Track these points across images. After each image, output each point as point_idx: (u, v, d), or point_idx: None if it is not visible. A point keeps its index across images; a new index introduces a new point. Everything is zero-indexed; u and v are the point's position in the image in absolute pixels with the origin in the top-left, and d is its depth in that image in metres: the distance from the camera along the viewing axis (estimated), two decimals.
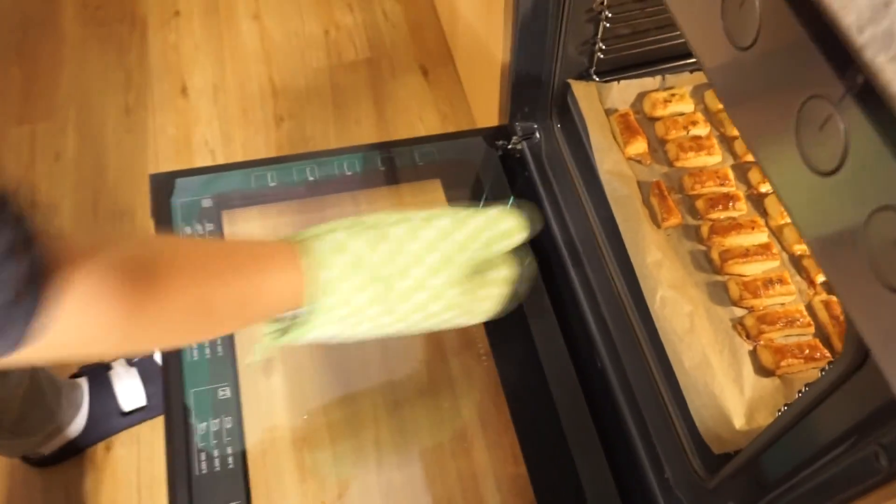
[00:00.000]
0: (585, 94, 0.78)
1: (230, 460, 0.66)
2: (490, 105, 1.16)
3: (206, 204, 0.80)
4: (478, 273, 0.58)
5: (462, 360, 0.73)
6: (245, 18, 1.54)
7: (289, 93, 1.42)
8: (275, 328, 0.54)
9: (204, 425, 0.67)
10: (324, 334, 0.53)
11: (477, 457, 0.68)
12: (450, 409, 0.70)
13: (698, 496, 0.60)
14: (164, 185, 0.81)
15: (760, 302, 0.65)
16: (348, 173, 0.84)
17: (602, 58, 0.77)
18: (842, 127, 0.28)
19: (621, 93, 0.79)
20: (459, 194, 0.83)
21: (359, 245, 0.52)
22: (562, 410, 0.69)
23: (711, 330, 0.64)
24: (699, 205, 0.71)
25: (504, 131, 0.87)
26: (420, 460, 0.67)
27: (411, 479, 0.66)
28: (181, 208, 0.79)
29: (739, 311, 0.66)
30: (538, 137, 0.85)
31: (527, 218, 0.60)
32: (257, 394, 0.70)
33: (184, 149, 1.38)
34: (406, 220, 0.55)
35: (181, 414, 0.68)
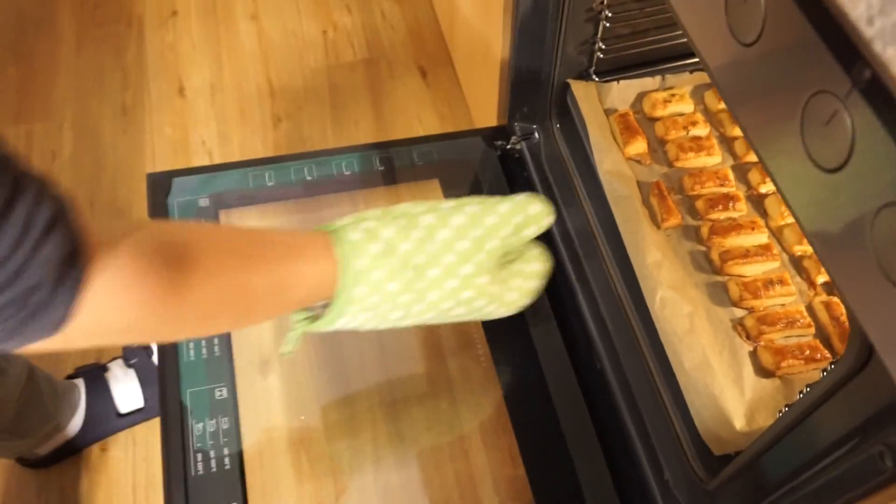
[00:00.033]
0: (585, 94, 0.77)
1: (227, 461, 0.65)
2: (489, 106, 1.16)
3: (203, 203, 0.79)
4: (510, 263, 0.58)
5: (460, 362, 0.73)
6: (243, 18, 1.54)
7: (286, 93, 1.42)
8: (304, 316, 0.55)
9: (200, 426, 0.67)
10: (354, 322, 0.54)
11: (475, 458, 0.67)
12: (448, 410, 0.70)
13: (697, 498, 0.60)
14: (160, 185, 0.80)
15: (761, 303, 0.65)
16: (346, 173, 0.83)
17: (602, 57, 0.77)
18: (848, 122, 0.28)
19: (621, 93, 0.78)
20: (458, 195, 0.82)
21: (389, 233, 0.52)
22: (561, 411, 0.69)
23: (711, 331, 0.64)
24: (699, 205, 0.71)
25: (503, 131, 0.87)
26: (418, 462, 0.67)
27: (409, 481, 0.66)
28: (178, 208, 0.79)
29: (739, 312, 0.66)
30: (537, 138, 0.85)
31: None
32: (254, 394, 0.69)
33: (181, 149, 1.37)
34: (436, 208, 0.56)
35: (177, 414, 0.67)
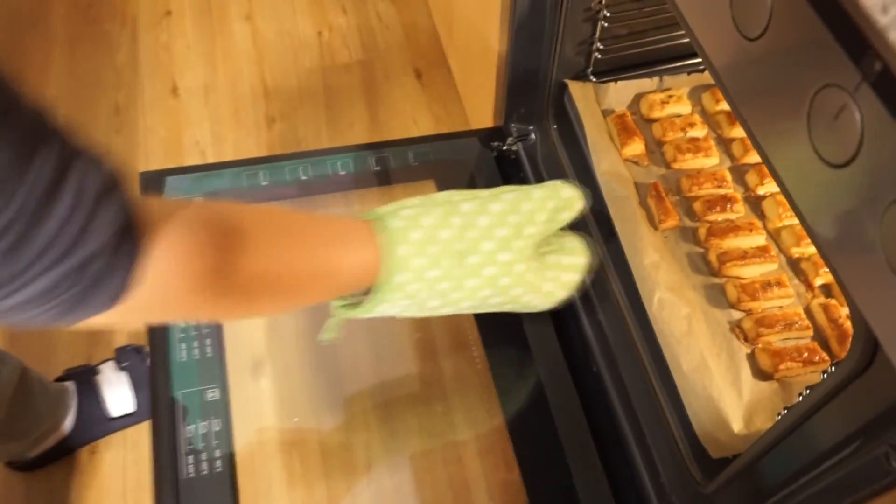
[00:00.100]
0: (582, 94, 0.77)
1: (218, 464, 0.64)
2: (485, 107, 1.15)
3: None
4: (548, 254, 0.58)
5: (455, 364, 0.72)
6: (237, 19, 1.53)
7: (281, 94, 1.41)
8: (343, 303, 0.55)
9: (192, 428, 0.66)
10: (393, 309, 0.54)
11: (469, 463, 0.67)
12: (442, 413, 0.69)
13: (694, 501, 0.59)
14: (153, 183, 0.79)
15: (758, 305, 0.64)
16: (341, 173, 0.83)
17: (599, 58, 0.77)
18: (857, 116, 0.27)
19: (618, 94, 0.78)
20: None
21: (430, 221, 0.53)
22: (557, 414, 0.69)
23: (709, 333, 0.63)
24: (697, 206, 0.71)
25: (499, 132, 0.86)
26: (411, 466, 0.66)
27: (402, 485, 0.65)
28: None
29: (737, 314, 0.65)
30: (533, 138, 0.84)
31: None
32: (247, 396, 0.69)
33: (174, 149, 1.36)
34: (475, 196, 0.56)
35: (169, 416, 0.66)
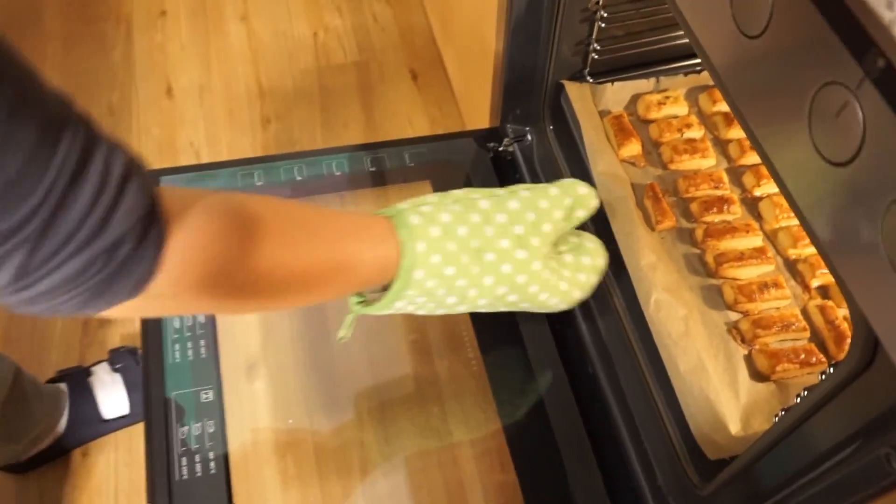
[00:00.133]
0: (579, 95, 0.77)
1: (212, 465, 0.64)
2: (481, 108, 1.15)
3: None
4: (564, 254, 0.59)
5: (450, 365, 0.72)
6: (233, 19, 1.52)
7: (276, 95, 1.41)
8: (359, 300, 0.55)
9: (185, 429, 0.65)
10: (410, 306, 0.54)
11: (464, 464, 0.67)
12: (437, 415, 0.69)
13: (692, 503, 0.59)
14: None
15: (755, 306, 0.64)
16: (337, 173, 0.82)
17: (596, 59, 0.77)
18: (860, 114, 0.27)
19: (615, 94, 0.78)
20: None
21: (447, 218, 0.53)
22: (553, 415, 0.68)
23: (706, 334, 0.63)
24: (693, 208, 0.70)
25: (495, 133, 0.86)
26: (406, 467, 0.66)
27: (397, 487, 0.65)
28: None
29: (734, 316, 0.65)
30: (530, 139, 0.84)
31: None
32: (241, 397, 0.68)
33: (168, 150, 1.36)
34: (491, 194, 0.56)
35: (162, 417, 0.66)
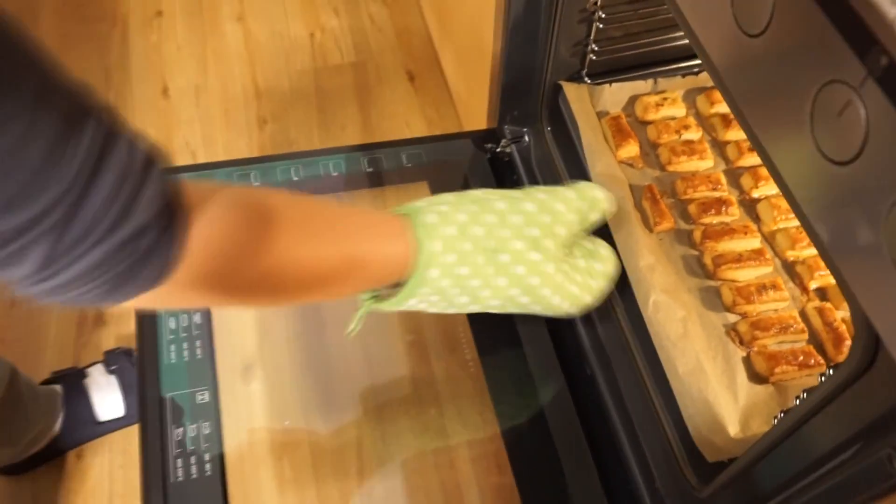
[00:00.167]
0: (577, 95, 0.76)
1: (208, 467, 0.63)
2: (478, 110, 1.15)
3: None
4: (577, 258, 0.59)
5: (447, 367, 0.72)
6: (229, 20, 1.52)
7: (273, 95, 1.40)
8: (370, 296, 0.55)
9: (181, 431, 0.65)
10: (422, 304, 0.54)
11: (461, 467, 0.66)
12: (434, 416, 0.69)
13: None
14: None
15: (754, 308, 0.64)
16: (334, 174, 0.82)
17: (594, 59, 0.77)
18: (862, 112, 0.27)
19: (613, 95, 0.78)
20: None
21: (463, 218, 0.53)
22: (550, 417, 0.68)
23: (705, 336, 0.63)
24: (691, 209, 0.70)
25: (493, 134, 0.86)
26: (403, 470, 0.66)
27: (394, 490, 0.65)
28: None
29: (732, 317, 0.65)
30: (527, 140, 0.84)
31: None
32: (237, 398, 0.68)
33: (164, 150, 1.35)
34: (507, 195, 0.57)
35: (157, 418, 0.65)
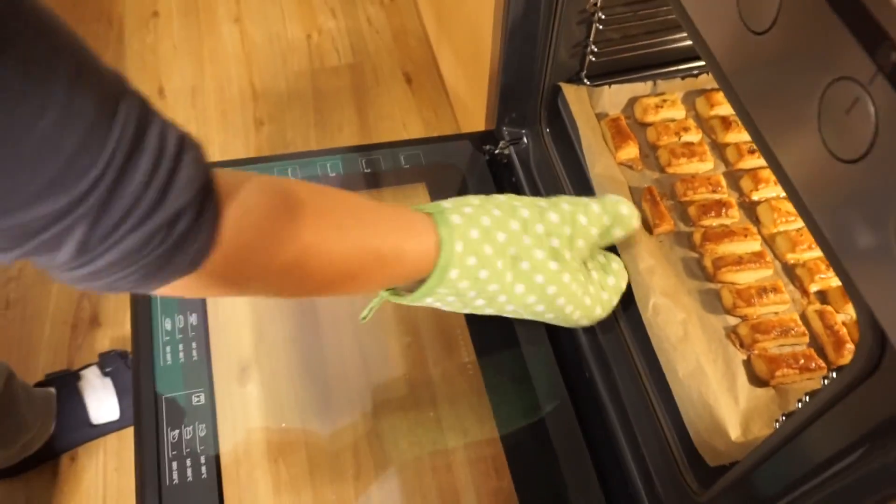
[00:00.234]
0: (576, 97, 0.76)
1: (203, 470, 0.63)
2: (475, 111, 1.15)
3: None
4: (591, 271, 0.59)
5: (445, 369, 0.71)
6: (226, 20, 1.51)
7: (269, 96, 1.40)
8: (390, 288, 0.55)
9: (176, 433, 0.64)
10: (439, 302, 0.54)
11: (458, 470, 0.66)
12: (431, 419, 0.68)
13: None
14: None
15: (754, 310, 0.64)
16: (331, 175, 0.81)
17: (593, 61, 0.76)
18: (871, 109, 0.27)
19: (612, 97, 0.77)
20: (445, 200, 0.81)
21: (487, 222, 0.53)
22: (549, 420, 0.68)
23: (705, 338, 0.63)
24: (691, 211, 0.70)
25: (491, 136, 0.85)
26: (400, 473, 0.65)
27: (391, 493, 0.64)
28: None
29: (732, 320, 0.65)
30: (526, 142, 0.84)
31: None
32: (233, 401, 0.67)
33: None
34: (533, 203, 0.57)
35: (152, 420, 0.65)
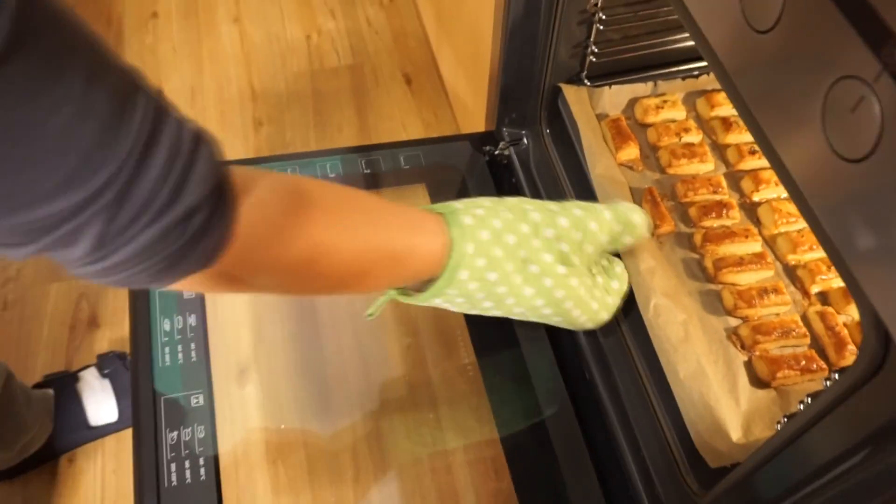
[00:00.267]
0: (577, 98, 0.76)
1: (202, 472, 0.63)
2: (475, 113, 1.14)
3: None
4: (598, 275, 0.60)
5: (445, 370, 0.71)
6: (225, 21, 1.51)
7: (269, 97, 1.40)
8: (399, 288, 0.55)
9: (175, 434, 0.64)
10: (447, 303, 0.54)
11: (458, 472, 0.66)
12: (431, 421, 0.68)
13: None
14: None
15: (755, 312, 0.63)
16: (330, 175, 0.81)
17: (594, 62, 0.76)
18: (877, 108, 0.26)
19: (612, 98, 0.77)
20: (445, 200, 0.81)
21: (498, 224, 0.53)
22: (549, 421, 0.67)
23: (706, 340, 0.62)
24: (692, 212, 0.70)
25: (491, 137, 0.85)
26: (399, 475, 0.65)
27: (390, 495, 0.64)
28: None
29: (733, 321, 0.64)
30: (526, 143, 0.83)
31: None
32: (231, 402, 0.67)
33: None
34: (543, 207, 0.57)
35: (151, 422, 0.64)
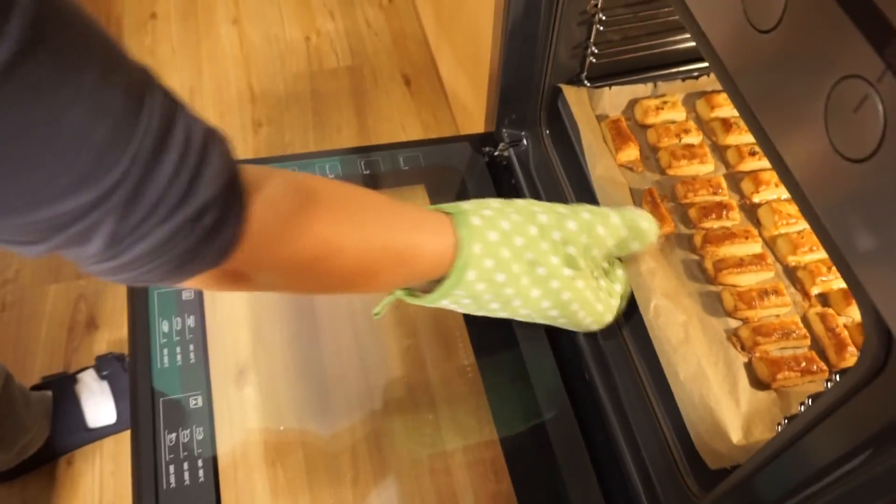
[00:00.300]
0: (577, 98, 0.76)
1: (201, 473, 0.62)
2: (475, 114, 1.14)
3: None
4: (601, 278, 0.60)
5: (444, 372, 0.71)
6: (224, 22, 1.51)
7: (268, 98, 1.39)
8: (405, 287, 0.55)
9: (173, 436, 0.64)
10: (454, 304, 0.54)
11: (457, 473, 0.65)
12: (430, 422, 0.68)
13: None
14: None
15: (755, 313, 0.63)
16: (330, 176, 0.81)
17: (594, 62, 0.76)
18: (880, 108, 0.26)
19: (612, 99, 0.77)
20: (444, 201, 0.81)
21: (506, 226, 0.53)
22: (548, 423, 0.67)
23: (706, 341, 0.62)
24: (692, 213, 0.70)
25: (491, 138, 0.85)
26: (398, 476, 0.65)
27: (389, 497, 0.64)
28: None
29: (734, 323, 0.64)
30: (525, 144, 0.83)
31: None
32: (230, 404, 0.67)
33: None
34: (552, 210, 0.57)
35: (149, 424, 0.64)
